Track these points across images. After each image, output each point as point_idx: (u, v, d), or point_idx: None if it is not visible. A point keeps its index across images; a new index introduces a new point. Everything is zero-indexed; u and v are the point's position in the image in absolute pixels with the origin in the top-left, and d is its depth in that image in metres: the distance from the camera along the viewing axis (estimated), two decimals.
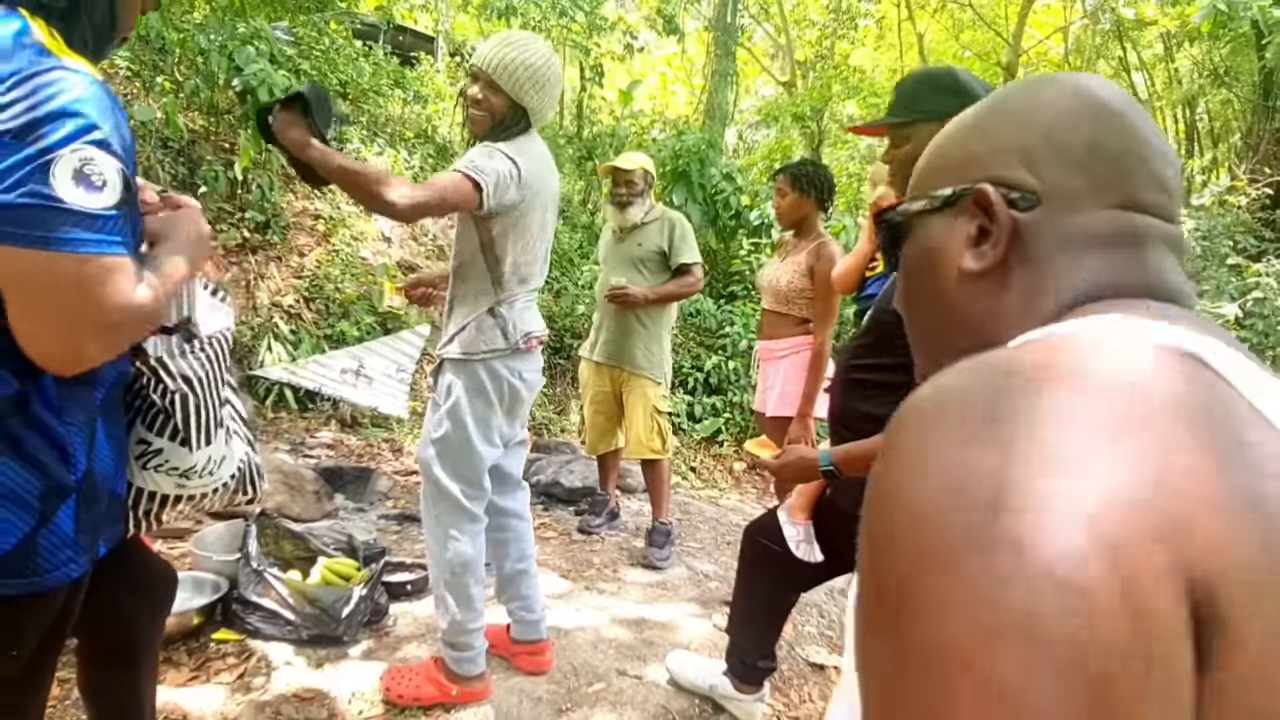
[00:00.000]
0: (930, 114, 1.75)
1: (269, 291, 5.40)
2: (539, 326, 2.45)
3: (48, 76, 1.04)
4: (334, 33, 7.99)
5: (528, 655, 2.64)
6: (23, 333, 1.07)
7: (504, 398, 2.38)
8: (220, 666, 2.50)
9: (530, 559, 2.64)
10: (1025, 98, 0.69)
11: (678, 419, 6.64)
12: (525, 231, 2.30)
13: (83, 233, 1.04)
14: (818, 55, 15.62)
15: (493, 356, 2.33)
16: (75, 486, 1.20)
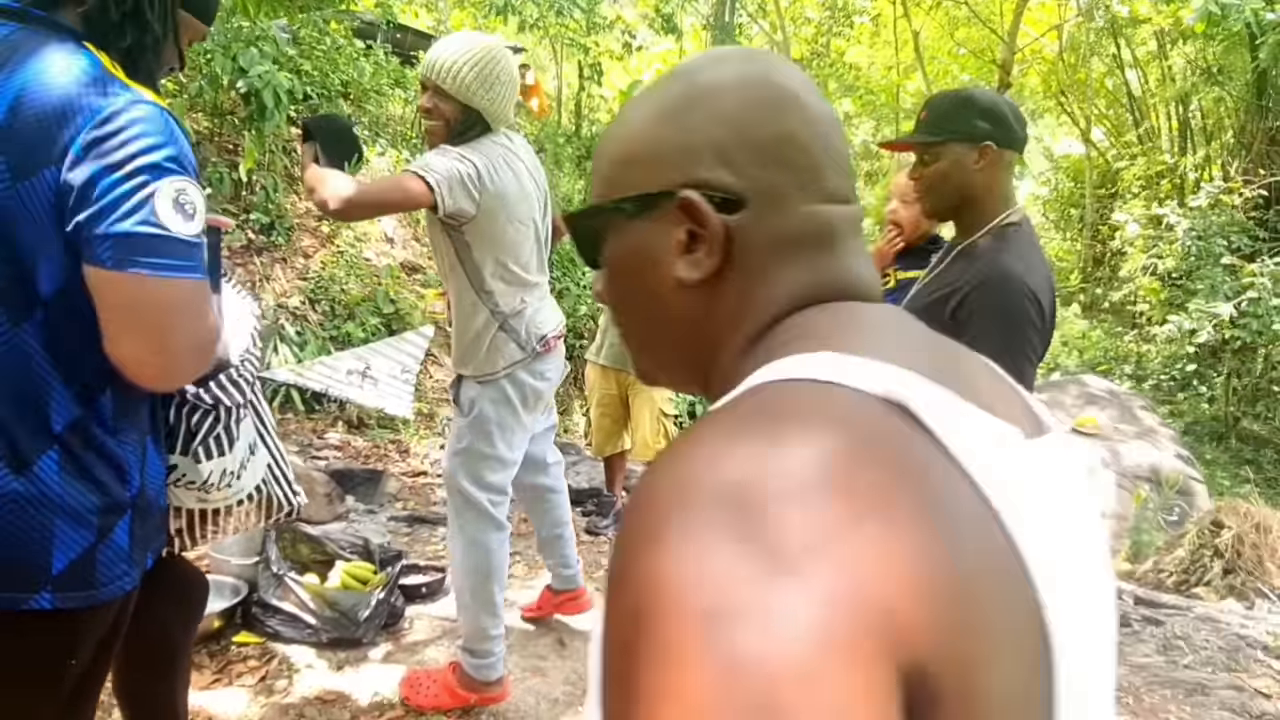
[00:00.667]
0: (963, 134, 1.76)
1: (274, 293, 5.43)
2: (553, 324, 2.48)
3: (134, 112, 1.10)
4: (334, 32, 7.99)
5: (570, 602, 2.95)
6: (122, 355, 1.13)
7: (527, 401, 2.44)
8: (242, 669, 2.54)
9: (566, 524, 2.88)
10: (707, 85, 0.63)
11: (681, 419, 6.69)
12: (500, 235, 2.27)
13: (184, 259, 1.12)
14: (813, 52, 15.67)
15: (514, 368, 2.37)
16: (131, 503, 1.25)
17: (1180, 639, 3.69)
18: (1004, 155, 1.78)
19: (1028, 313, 1.67)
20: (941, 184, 1.82)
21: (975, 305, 1.70)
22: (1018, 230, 1.79)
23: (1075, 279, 15.67)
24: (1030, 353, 1.69)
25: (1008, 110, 1.80)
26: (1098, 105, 15.95)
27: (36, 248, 1.10)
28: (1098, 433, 7.02)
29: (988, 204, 1.80)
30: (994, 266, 1.71)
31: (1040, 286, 1.69)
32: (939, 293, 1.79)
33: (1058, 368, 11.29)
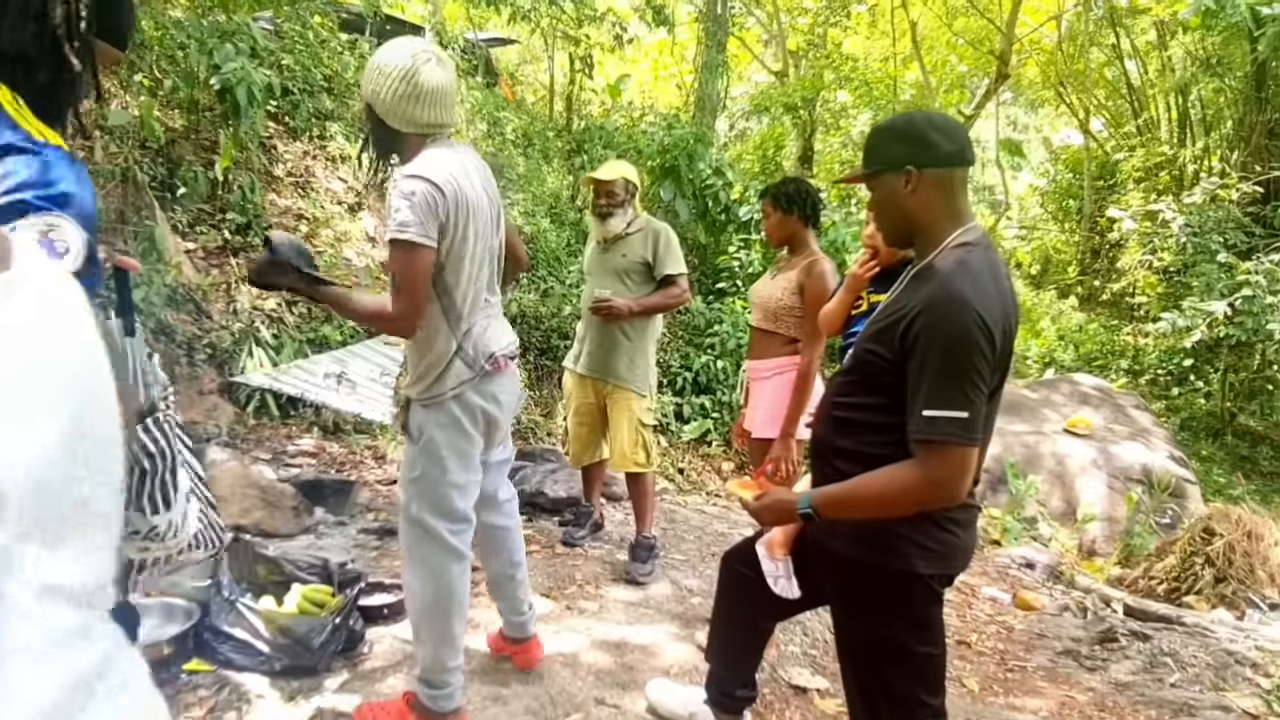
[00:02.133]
0: (885, 163, 1.78)
1: (250, 295, 5.32)
2: (504, 343, 2.36)
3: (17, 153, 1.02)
4: (318, 26, 7.87)
5: (520, 652, 2.73)
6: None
7: (479, 424, 2.32)
8: (190, 700, 2.45)
9: (519, 565, 2.69)
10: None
11: (666, 420, 6.60)
12: (467, 251, 2.19)
13: None
14: (809, 43, 15.50)
15: (462, 388, 2.27)
16: None
17: (1168, 655, 3.61)
18: (930, 175, 1.72)
19: (973, 338, 1.59)
20: (882, 214, 1.85)
21: (920, 329, 1.63)
22: (970, 251, 1.71)
23: (1073, 271, 15.57)
24: (976, 379, 1.60)
25: (929, 129, 1.74)
26: (1097, 96, 15.79)
27: None
28: (1090, 434, 6.94)
29: (933, 226, 1.76)
30: (941, 289, 1.64)
31: (990, 311, 1.61)
32: (891, 317, 1.73)
33: (1053, 363, 11.20)
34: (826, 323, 2.85)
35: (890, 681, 1.88)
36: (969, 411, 1.59)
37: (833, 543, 1.90)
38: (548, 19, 10.80)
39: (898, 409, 1.69)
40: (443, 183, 2.10)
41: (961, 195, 1.77)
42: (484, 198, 2.27)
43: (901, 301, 1.73)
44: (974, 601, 4.47)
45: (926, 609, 1.86)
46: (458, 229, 2.14)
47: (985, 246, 1.74)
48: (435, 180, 2.08)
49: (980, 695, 3.31)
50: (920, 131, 1.74)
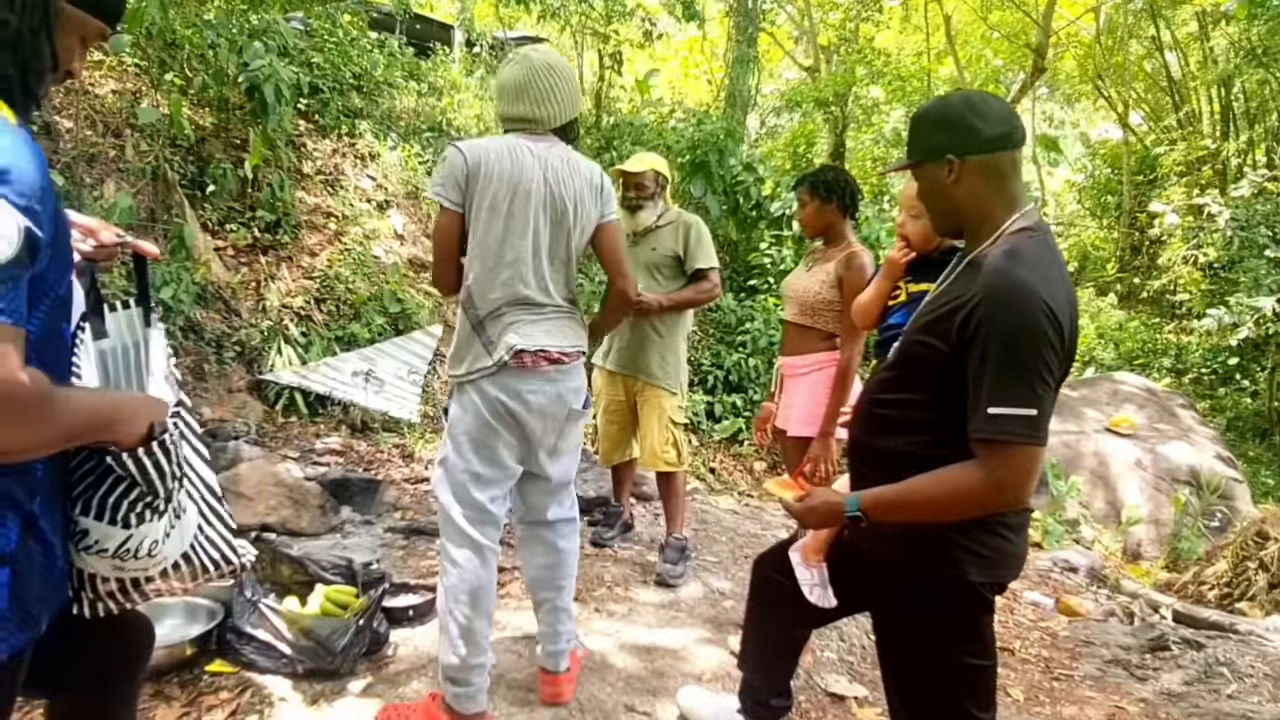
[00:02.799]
0: (926, 152, 1.68)
1: (279, 293, 5.30)
2: (540, 341, 2.26)
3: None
4: (348, 25, 7.87)
5: (547, 684, 2.55)
6: None
7: (502, 419, 2.26)
8: (213, 701, 2.41)
9: (562, 591, 2.53)
10: None
11: (697, 418, 6.50)
12: (480, 225, 2.21)
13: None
14: (841, 39, 15.32)
15: (479, 376, 2.24)
16: (8, 559, 1.11)
17: (1223, 665, 3.45)
18: (974, 162, 1.62)
19: (1042, 330, 1.47)
20: (929, 204, 1.75)
21: (981, 319, 1.51)
22: (1031, 237, 1.59)
23: (1112, 268, 15.24)
24: (1044, 373, 1.48)
25: (969, 114, 1.62)
26: (1136, 89, 15.45)
27: None
28: (1134, 433, 6.74)
29: (984, 214, 1.65)
30: (1004, 277, 1.52)
31: (1058, 300, 1.49)
32: (947, 306, 1.60)
33: (1093, 362, 10.94)
34: (861, 314, 2.68)
35: (938, 695, 1.77)
36: (1037, 409, 1.48)
37: (878, 548, 1.79)
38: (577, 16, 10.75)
39: (947, 406, 1.58)
40: (467, 149, 2.19)
41: (1014, 179, 1.66)
42: (539, 185, 2.24)
43: (957, 290, 1.61)
44: (1015, 606, 4.33)
45: (977, 619, 1.75)
46: (479, 198, 2.19)
47: (1045, 232, 1.63)
48: (461, 146, 2.21)
49: (1025, 705, 3.18)
50: (959, 117, 1.63)
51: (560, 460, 2.45)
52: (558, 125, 2.33)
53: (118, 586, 1.37)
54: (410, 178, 6.81)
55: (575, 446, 2.50)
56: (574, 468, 2.55)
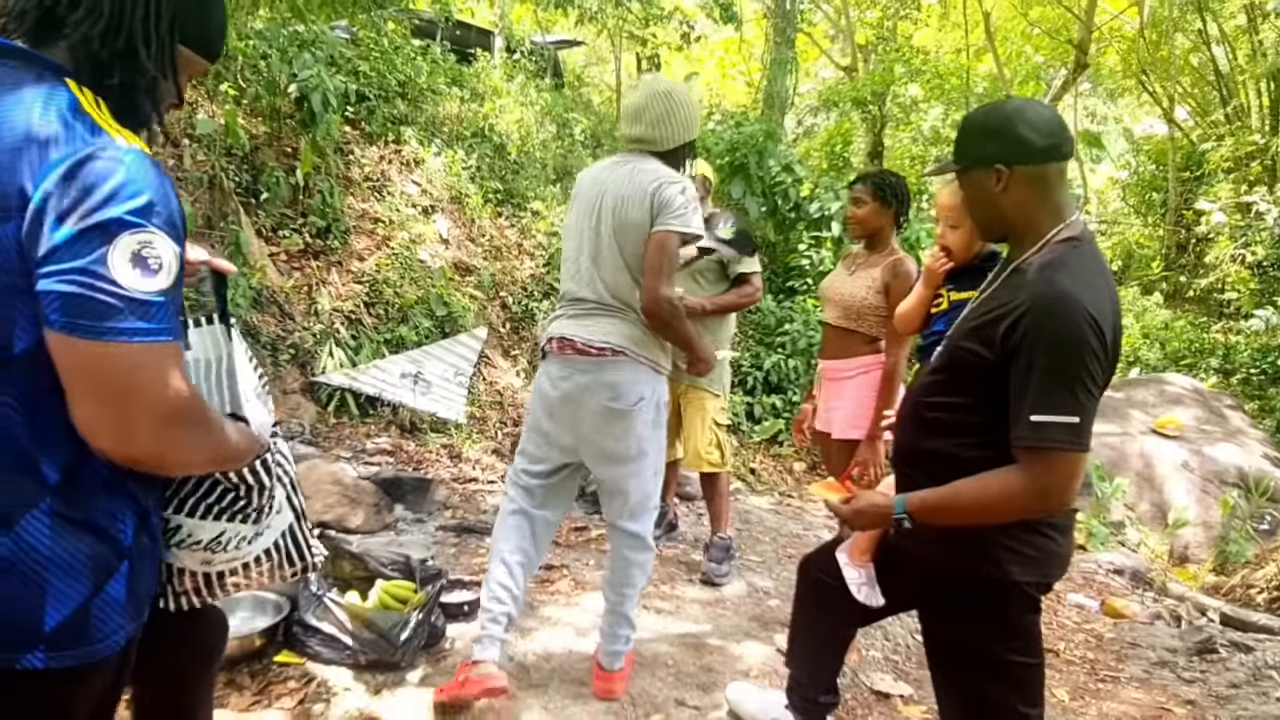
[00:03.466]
0: (974, 160, 1.72)
1: (330, 297, 5.45)
2: (568, 330, 2.47)
3: (102, 160, 1.03)
4: (392, 32, 8.02)
5: (597, 679, 2.64)
6: (79, 418, 1.07)
7: (540, 400, 2.57)
8: (281, 691, 2.51)
9: (623, 599, 2.60)
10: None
11: (737, 419, 6.55)
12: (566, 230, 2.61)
13: (141, 321, 1.04)
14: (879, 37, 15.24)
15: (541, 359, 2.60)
16: (128, 552, 1.19)
17: (1272, 668, 3.44)
18: (1022, 173, 1.65)
19: (1086, 338, 1.51)
20: (974, 210, 1.80)
21: (1027, 328, 1.55)
22: (1076, 246, 1.63)
23: (1157, 267, 14.98)
24: (1088, 381, 1.53)
25: (1020, 124, 1.65)
26: (1181, 83, 15.16)
27: (9, 302, 1.04)
28: (1180, 434, 6.66)
29: (1031, 222, 1.68)
30: (1050, 286, 1.56)
31: (1101, 309, 1.54)
32: (991, 314, 1.65)
33: (1138, 362, 10.79)
34: (904, 322, 2.74)
35: (985, 693, 1.82)
36: (1080, 416, 1.52)
37: (923, 549, 1.84)
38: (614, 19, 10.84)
39: (991, 409, 1.63)
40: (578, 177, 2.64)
41: (1059, 189, 1.70)
42: (601, 195, 2.46)
43: (1002, 298, 1.65)
44: (1060, 608, 4.32)
45: (1023, 618, 1.79)
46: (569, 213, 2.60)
47: (1089, 241, 1.67)
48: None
49: (1071, 705, 3.20)
50: (1010, 127, 1.66)
51: (612, 466, 2.50)
52: (669, 148, 2.49)
53: (203, 581, 1.47)
54: (454, 183, 6.94)
55: (631, 456, 2.47)
56: (634, 480, 2.52)
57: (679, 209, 2.38)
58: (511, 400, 5.89)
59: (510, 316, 6.49)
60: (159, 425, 1.08)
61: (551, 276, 6.83)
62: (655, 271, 2.38)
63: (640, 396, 2.44)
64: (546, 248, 7.09)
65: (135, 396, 1.05)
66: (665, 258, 2.39)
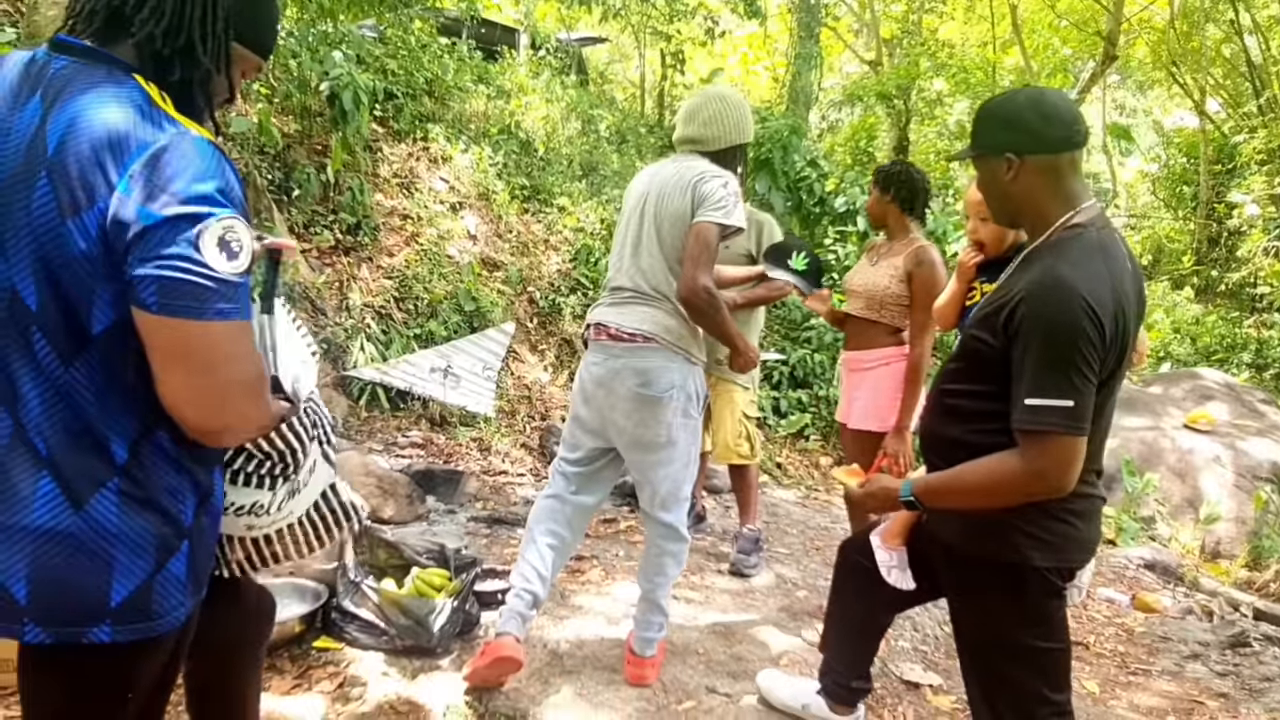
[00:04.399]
0: (987, 148, 1.74)
1: (361, 293, 5.53)
2: (599, 319, 2.54)
3: (180, 147, 1.09)
4: (419, 31, 8.10)
5: (629, 665, 2.67)
6: (168, 392, 1.12)
7: (578, 384, 2.64)
8: (321, 675, 2.57)
9: (656, 588, 2.63)
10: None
11: (763, 413, 6.56)
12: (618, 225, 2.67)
13: (227, 302, 1.10)
14: (904, 31, 15.14)
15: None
16: (189, 531, 1.24)
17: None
18: (1033, 162, 1.67)
19: (1079, 324, 1.54)
20: (987, 196, 1.82)
21: (1023, 315, 1.59)
22: (1082, 233, 1.65)
23: (1188, 261, 14.78)
24: (1083, 366, 1.55)
25: (1031, 114, 1.68)
26: (1213, 75, 14.95)
27: (89, 285, 1.09)
28: (1212, 429, 6.59)
29: (1039, 211, 1.71)
30: (1046, 274, 1.59)
31: (1099, 296, 1.55)
32: (996, 303, 1.69)
33: (1168, 357, 10.67)
34: (940, 317, 2.77)
35: (1009, 677, 1.84)
36: (1074, 400, 1.55)
37: (945, 534, 1.87)
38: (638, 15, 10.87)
39: (1005, 396, 1.66)
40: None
41: (1071, 178, 1.71)
42: (647, 191, 2.54)
43: (1007, 287, 1.69)
44: (1090, 602, 4.31)
45: (1044, 603, 1.80)
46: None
47: (1099, 227, 1.68)
48: None
49: (1101, 698, 3.19)
50: (1022, 117, 1.68)
51: (641, 453, 2.52)
52: (720, 148, 2.57)
53: (251, 547, 1.52)
54: (481, 179, 7.00)
55: (660, 444, 2.49)
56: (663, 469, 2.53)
57: (720, 201, 2.39)
58: (539, 394, 5.95)
59: (537, 311, 6.54)
60: (242, 396, 1.16)
61: (578, 272, 6.88)
62: (694, 260, 2.39)
63: (671, 385, 2.45)
64: (573, 243, 7.14)
65: (223, 370, 1.12)
66: (704, 248, 2.39)
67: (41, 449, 1.13)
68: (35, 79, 1.13)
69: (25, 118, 1.11)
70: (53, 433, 1.13)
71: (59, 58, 1.15)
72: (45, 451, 1.13)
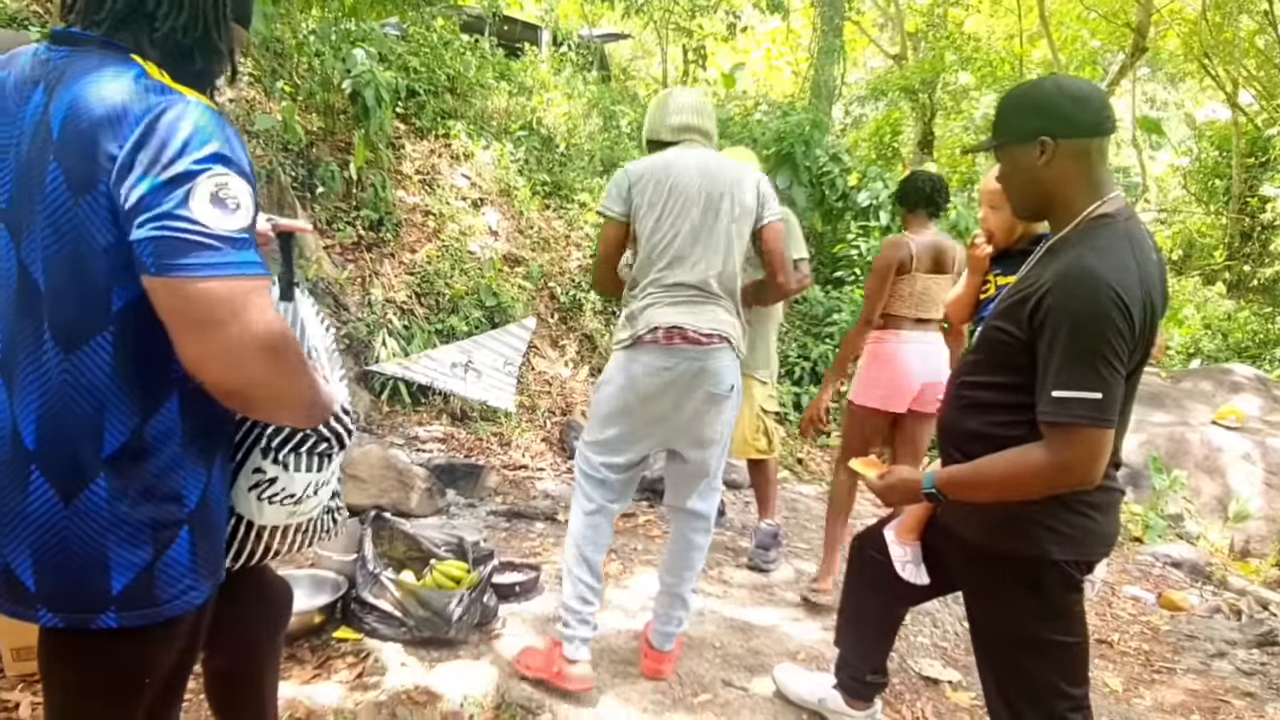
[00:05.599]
0: (1015, 135, 1.70)
1: (383, 288, 5.57)
2: (675, 320, 2.41)
3: (175, 110, 1.10)
4: (441, 29, 8.14)
5: (648, 658, 2.69)
6: (187, 356, 1.11)
7: (634, 391, 2.45)
8: (340, 665, 2.60)
9: (682, 581, 2.63)
10: None
11: (784, 409, 6.54)
12: (641, 227, 2.48)
13: (225, 257, 1.09)
14: (929, 24, 15.01)
15: (621, 347, 2.48)
16: (189, 518, 1.24)
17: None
18: (1067, 146, 1.64)
19: (1108, 315, 1.51)
20: (1011, 187, 1.78)
21: (1050, 306, 1.57)
22: (1110, 223, 1.63)
23: (1219, 256, 14.56)
24: (1111, 358, 1.53)
25: (1061, 98, 1.65)
26: (1246, 67, 14.68)
27: (105, 263, 1.11)
28: (1241, 425, 6.48)
29: (1069, 198, 1.68)
30: (1073, 264, 1.57)
31: (1127, 287, 1.53)
32: (1021, 294, 1.67)
33: (1198, 353, 10.51)
34: (954, 310, 2.76)
35: (1027, 672, 1.82)
36: (1102, 392, 1.52)
37: (963, 528, 1.86)
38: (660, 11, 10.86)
39: (1027, 389, 1.64)
40: (631, 169, 2.52)
41: (1100, 165, 1.69)
42: (711, 190, 2.46)
43: (1032, 278, 1.67)
44: (1115, 600, 4.26)
45: (1063, 596, 1.78)
46: (640, 204, 2.47)
47: (1126, 218, 1.65)
48: (627, 168, 2.53)
49: (1124, 695, 3.16)
50: (1054, 101, 1.66)
51: (701, 450, 2.54)
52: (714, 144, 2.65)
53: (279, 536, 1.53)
54: (503, 175, 7.03)
55: (719, 440, 2.54)
56: (715, 461, 2.59)
57: (776, 199, 2.61)
58: (560, 390, 5.97)
59: (558, 307, 6.55)
60: (263, 352, 1.11)
61: None
62: (784, 257, 2.66)
63: (733, 383, 2.49)
64: (594, 239, 7.14)
65: (234, 325, 1.09)
66: (783, 244, 2.66)
67: (29, 442, 1.14)
68: (39, 71, 1.16)
69: (31, 108, 1.14)
70: (43, 425, 1.14)
71: (59, 49, 1.18)
72: (33, 444, 1.14)
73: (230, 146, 1.13)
